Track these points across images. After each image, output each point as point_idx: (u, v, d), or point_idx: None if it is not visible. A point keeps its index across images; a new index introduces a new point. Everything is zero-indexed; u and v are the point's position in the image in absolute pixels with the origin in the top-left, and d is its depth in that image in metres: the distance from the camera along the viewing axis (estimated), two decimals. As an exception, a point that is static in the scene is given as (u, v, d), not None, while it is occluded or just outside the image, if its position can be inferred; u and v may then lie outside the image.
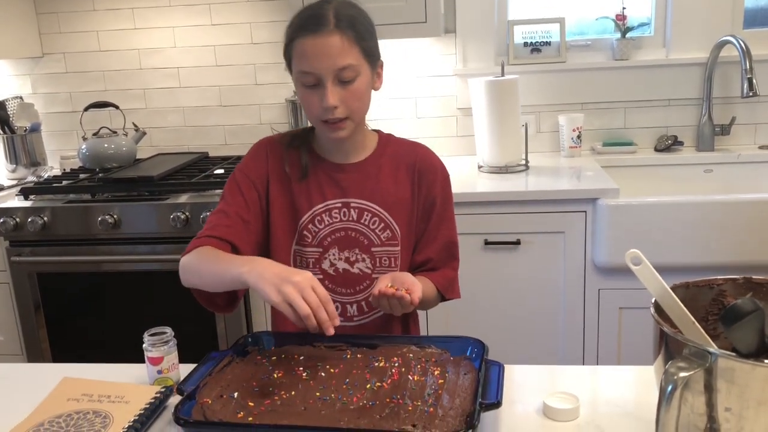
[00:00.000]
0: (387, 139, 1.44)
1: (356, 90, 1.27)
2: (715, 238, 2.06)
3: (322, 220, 1.36)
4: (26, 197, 2.35)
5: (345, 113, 1.27)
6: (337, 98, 1.25)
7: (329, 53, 1.22)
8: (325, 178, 1.38)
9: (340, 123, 1.28)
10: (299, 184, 1.37)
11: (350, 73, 1.25)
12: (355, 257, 1.37)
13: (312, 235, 1.36)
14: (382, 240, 1.37)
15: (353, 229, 1.37)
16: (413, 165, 1.40)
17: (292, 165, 1.38)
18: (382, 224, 1.37)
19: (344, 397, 0.98)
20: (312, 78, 1.25)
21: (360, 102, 1.29)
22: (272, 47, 2.73)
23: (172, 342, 1.15)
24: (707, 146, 2.57)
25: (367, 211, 1.36)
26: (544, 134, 2.70)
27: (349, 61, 1.24)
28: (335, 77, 1.24)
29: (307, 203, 1.37)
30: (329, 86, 1.24)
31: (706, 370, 0.72)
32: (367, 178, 1.38)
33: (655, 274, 0.81)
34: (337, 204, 1.36)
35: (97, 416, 1.03)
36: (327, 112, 1.26)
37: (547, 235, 2.16)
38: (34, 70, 2.87)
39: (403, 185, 1.39)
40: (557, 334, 2.22)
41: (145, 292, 2.29)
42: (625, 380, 1.14)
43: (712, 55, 2.50)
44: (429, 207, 1.40)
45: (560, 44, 2.64)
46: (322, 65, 1.23)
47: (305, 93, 1.28)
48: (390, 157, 1.41)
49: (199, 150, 2.85)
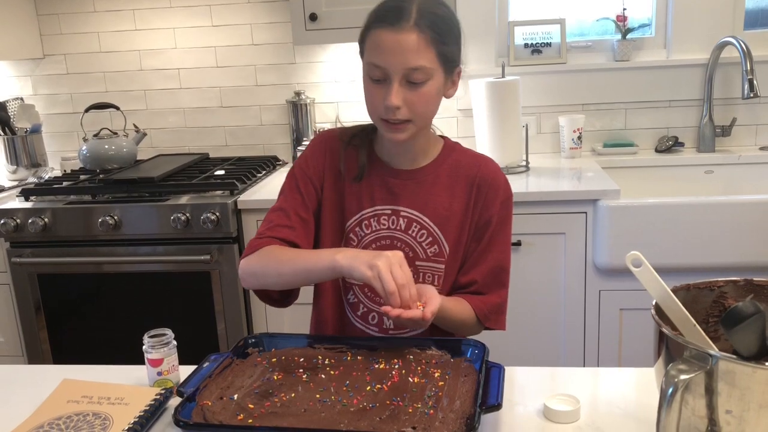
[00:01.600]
0: (452, 147, 1.37)
1: (424, 94, 1.20)
2: (716, 239, 2.05)
3: (369, 225, 1.31)
4: (27, 198, 2.35)
5: (407, 116, 1.21)
6: (401, 99, 1.19)
7: (402, 51, 1.16)
8: (378, 182, 1.32)
9: (400, 125, 1.22)
10: (351, 185, 1.32)
11: (421, 76, 1.18)
12: None
13: (357, 239, 1.32)
14: (428, 255, 1.30)
15: (399, 239, 1.31)
16: (473, 178, 1.32)
17: (349, 164, 1.33)
18: (430, 238, 1.30)
19: (344, 399, 0.97)
20: (380, 72, 1.19)
21: (426, 107, 1.22)
22: (273, 48, 2.73)
23: (172, 344, 1.14)
24: (708, 147, 2.57)
25: (416, 222, 1.30)
26: (544, 135, 2.70)
27: (422, 62, 1.17)
28: (404, 77, 1.18)
29: (357, 206, 1.32)
30: (395, 85, 1.18)
31: (707, 372, 0.72)
32: (421, 187, 1.31)
33: (656, 276, 0.81)
34: (386, 210, 1.31)
35: (97, 418, 1.03)
36: (388, 111, 1.20)
37: (547, 237, 2.16)
38: (34, 71, 2.87)
39: (459, 200, 1.31)
40: (558, 335, 2.22)
41: (146, 294, 2.29)
42: (626, 382, 1.14)
43: (712, 56, 2.50)
44: (483, 226, 1.32)
45: (561, 45, 2.64)
46: (393, 62, 1.17)
47: (371, 86, 1.22)
48: (450, 167, 1.33)
49: (200, 151, 2.85)
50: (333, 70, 2.72)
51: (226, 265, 2.23)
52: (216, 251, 2.21)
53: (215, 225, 2.18)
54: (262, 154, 2.82)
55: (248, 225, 2.24)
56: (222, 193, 2.28)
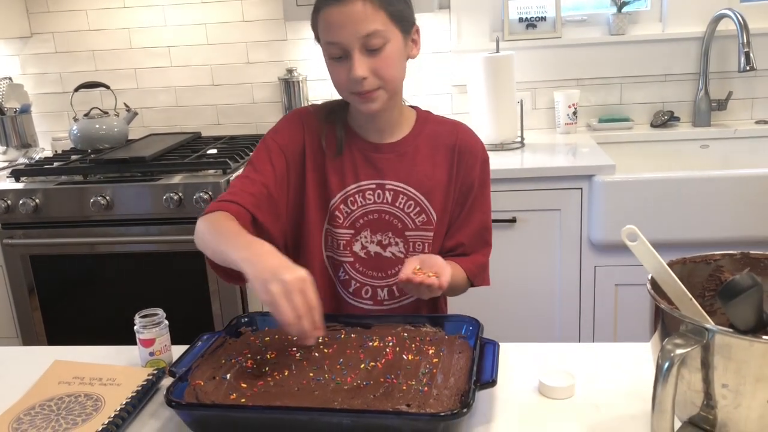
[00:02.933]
0: (425, 117, 1.37)
1: (386, 58, 1.19)
2: (712, 213, 2.05)
3: (354, 201, 1.31)
4: (17, 179, 2.33)
5: (376, 84, 1.20)
6: (366, 68, 1.18)
7: (352, 20, 1.16)
8: (360, 158, 1.32)
9: (370, 93, 1.21)
10: (333, 161, 1.31)
11: (377, 40, 1.18)
12: (388, 241, 1.32)
13: (344, 216, 1.32)
14: (417, 224, 1.32)
15: (387, 212, 1.32)
16: (453, 147, 1.33)
17: (329, 139, 1.32)
18: (417, 208, 1.31)
19: (338, 378, 0.96)
20: (338, 49, 1.19)
21: (391, 70, 1.21)
22: (264, 25, 2.69)
23: (163, 324, 1.13)
24: (704, 122, 2.55)
25: (402, 194, 1.31)
26: (539, 111, 2.68)
27: (375, 26, 1.17)
28: (362, 46, 1.17)
29: (340, 183, 1.31)
30: (356, 56, 1.17)
31: (703, 346, 0.71)
32: (403, 159, 1.32)
33: (652, 251, 0.80)
34: (371, 185, 1.31)
35: (89, 399, 1.02)
36: (356, 84, 1.19)
37: (542, 213, 2.15)
38: (22, 50, 2.83)
39: (441, 168, 1.33)
40: (553, 311, 2.22)
41: (139, 274, 2.28)
42: (621, 357, 1.13)
43: (708, 29, 2.48)
44: (466, 191, 1.34)
45: (555, 19, 2.61)
46: (346, 34, 1.17)
47: (334, 66, 1.22)
48: (428, 137, 1.34)
49: (192, 130, 2.82)
50: (325, 46, 2.68)
51: (220, 245, 2.21)
52: (209, 231, 2.20)
53: (208, 204, 2.15)
54: (254, 133, 2.79)
55: (241, 204, 2.22)
56: (214, 172, 2.26)
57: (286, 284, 0.95)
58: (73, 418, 0.97)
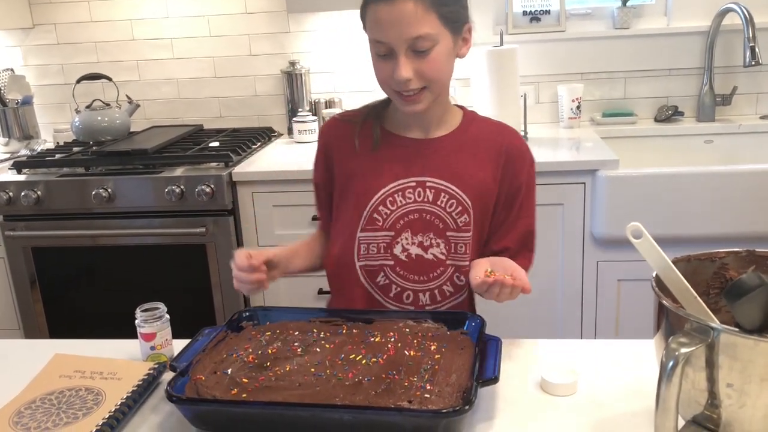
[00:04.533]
0: (472, 117, 1.33)
1: (432, 60, 1.16)
2: (716, 209, 2.04)
3: (394, 201, 1.26)
4: (19, 171, 2.32)
5: (420, 84, 1.18)
6: (411, 70, 1.15)
7: (401, 22, 1.12)
8: (399, 155, 1.27)
9: (415, 95, 1.19)
10: (369, 161, 1.28)
11: (426, 43, 1.14)
12: (430, 242, 1.27)
13: (383, 218, 1.27)
14: (459, 225, 1.26)
15: (428, 211, 1.26)
16: (500, 148, 1.29)
17: (362, 141, 1.29)
18: (459, 207, 1.26)
19: (339, 373, 0.96)
20: (384, 47, 1.16)
21: (437, 73, 1.19)
22: (267, 17, 2.68)
23: (165, 317, 1.13)
24: (708, 117, 2.54)
25: (444, 192, 1.26)
26: (543, 105, 2.66)
27: (425, 30, 1.13)
28: (409, 48, 1.14)
29: (377, 183, 1.27)
30: (401, 58, 1.14)
31: (708, 345, 0.70)
32: (446, 156, 1.27)
33: (657, 248, 0.79)
34: (411, 183, 1.26)
35: (90, 393, 1.01)
36: (399, 85, 1.17)
37: (545, 207, 2.13)
38: (24, 41, 2.82)
39: (485, 168, 1.28)
40: (555, 306, 2.21)
41: (141, 267, 2.28)
42: (625, 354, 1.13)
43: (714, 24, 2.46)
44: (513, 194, 1.30)
45: (560, 13, 2.59)
46: (394, 35, 1.13)
47: (379, 62, 1.19)
48: (473, 135, 1.30)
49: (194, 122, 2.81)
50: (328, 38, 2.67)
51: (222, 238, 2.21)
52: (211, 224, 2.19)
53: (210, 197, 2.16)
54: (256, 126, 2.78)
55: (243, 197, 2.22)
56: (217, 164, 2.26)
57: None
58: (74, 412, 0.97)
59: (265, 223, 2.23)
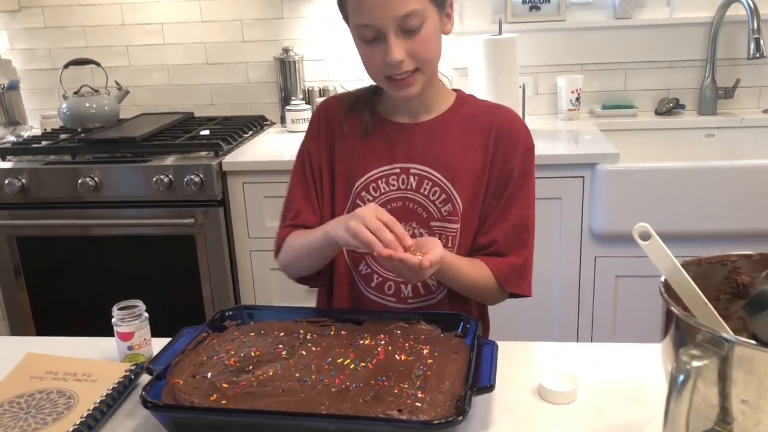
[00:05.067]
0: (465, 99, 1.27)
1: (423, 38, 1.10)
2: (717, 205, 1.99)
3: (377, 188, 1.22)
4: (3, 158, 2.26)
5: (412, 66, 1.11)
6: (403, 51, 1.09)
7: (388, 1, 1.07)
8: (383, 140, 1.22)
9: (408, 78, 1.13)
10: (356, 147, 1.23)
11: (415, 20, 1.09)
12: (412, 231, 1.21)
13: (365, 204, 1.21)
14: (442, 214, 1.20)
15: (411, 199, 1.21)
16: (490, 129, 1.21)
17: (352, 125, 1.25)
18: (443, 195, 1.20)
19: (325, 379, 0.90)
20: (372, 31, 1.10)
21: (429, 51, 1.13)
22: (260, 2, 2.61)
23: (143, 316, 1.07)
24: (709, 110, 2.49)
25: (427, 179, 1.20)
26: (541, 96, 2.61)
27: (412, 6, 1.07)
28: (398, 27, 1.09)
29: (361, 168, 1.22)
30: (392, 39, 1.08)
31: (722, 358, 0.65)
32: (430, 140, 1.21)
33: (666, 251, 0.74)
34: (395, 170, 1.21)
35: (61, 396, 0.96)
36: (392, 68, 1.11)
37: (543, 202, 2.05)
38: (10, 24, 2.74)
39: (473, 152, 1.20)
40: (551, 301, 2.16)
41: (129, 257, 2.22)
42: (625, 358, 1.08)
43: (717, 15, 2.40)
44: (504, 181, 1.21)
45: (560, 2, 2.53)
46: (381, 15, 1.07)
47: (366, 49, 1.13)
48: (462, 117, 1.23)
49: (185, 110, 2.74)
50: (322, 25, 2.61)
51: (211, 229, 2.15)
52: (200, 214, 2.14)
53: (199, 187, 2.10)
54: (249, 114, 2.72)
55: (234, 187, 2.16)
56: (207, 154, 2.20)
57: (360, 215, 1.05)
58: (43, 417, 0.91)
59: (256, 214, 2.17)
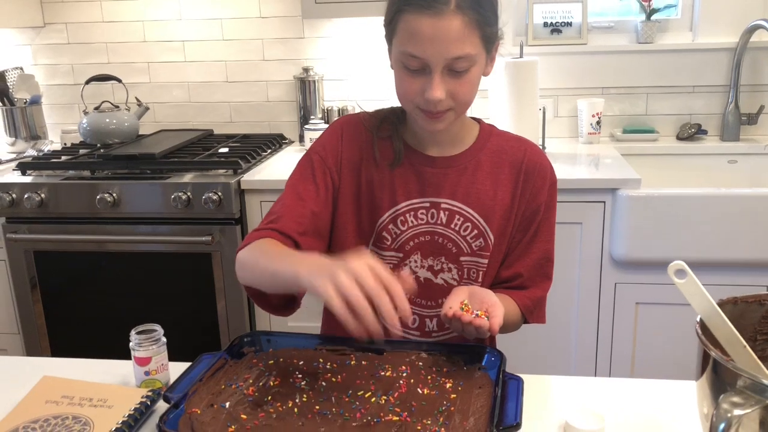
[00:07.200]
0: (489, 130, 1.24)
1: (467, 81, 1.08)
2: (740, 232, 1.95)
3: (405, 221, 1.19)
4: (24, 172, 2.27)
5: (450, 105, 1.09)
6: (444, 90, 1.06)
7: (444, 40, 1.02)
8: (413, 173, 1.19)
9: (440, 114, 1.10)
10: (382, 176, 1.19)
11: (465, 64, 1.05)
12: (440, 266, 1.20)
13: (392, 238, 1.19)
14: (473, 249, 1.19)
15: (441, 234, 1.19)
16: (519, 164, 1.20)
17: (382, 151, 1.20)
18: (475, 231, 1.19)
19: (346, 412, 0.88)
20: (417, 62, 1.06)
21: (470, 94, 1.11)
22: (281, 21, 2.62)
23: (161, 341, 1.05)
24: (732, 136, 2.46)
25: (459, 215, 1.18)
26: (562, 119, 2.59)
27: (467, 50, 1.04)
28: (446, 67, 1.05)
29: (389, 200, 1.19)
30: (437, 77, 1.05)
31: (766, 407, 0.62)
32: (462, 175, 1.19)
33: (702, 290, 0.72)
34: (424, 204, 1.18)
35: (77, 422, 0.94)
36: (429, 105, 1.08)
37: (563, 226, 2.04)
38: (35, 40, 2.77)
39: (504, 188, 1.19)
40: (571, 327, 2.13)
41: (144, 274, 2.21)
42: (653, 395, 1.05)
43: (741, 40, 2.38)
44: (530, 216, 1.21)
45: (582, 25, 2.52)
46: (433, 52, 1.03)
47: (405, 76, 1.09)
48: (492, 151, 1.21)
49: (204, 127, 2.75)
50: (342, 45, 2.61)
51: (228, 247, 2.14)
52: (218, 232, 2.13)
53: (217, 205, 2.09)
54: (267, 132, 2.72)
55: (251, 206, 2.15)
56: (225, 171, 2.19)
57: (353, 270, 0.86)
58: (59, 443, 0.90)
59: (273, 233, 2.16)
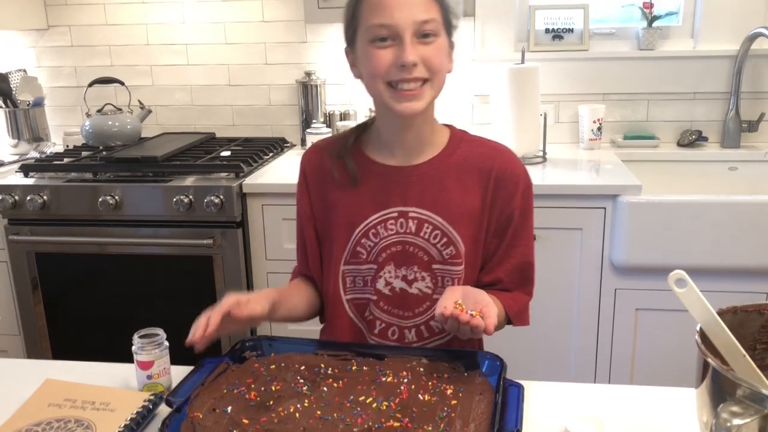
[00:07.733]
0: (460, 136, 1.24)
1: (438, 48, 1.11)
2: (740, 239, 1.96)
3: (377, 233, 1.19)
4: (26, 174, 2.27)
5: (425, 74, 1.10)
6: (417, 55, 1.08)
7: (410, 2, 1.08)
8: (381, 184, 1.20)
9: (416, 90, 1.10)
10: (350, 193, 1.21)
11: (433, 26, 1.09)
12: (414, 275, 1.20)
13: (366, 251, 1.20)
14: (444, 257, 1.19)
15: (411, 243, 1.19)
16: (489, 171, 1.20)
17: (341, 173, 1.22)
18: (444, 239, 1.19)
19: (348, 418, 0.89)
20: (386, 30, 1.08)
21: (441, 62, 1.12)
22: (284, 26, 2.63)
23: (164, 345, 1.06)
24: (733, 143, 2.47)
25: (427, 223, 1.18)
26: (563, 125, 2.60)
27: (432, 14, 1.09)
28: (415, 32, 1.08)
29: (359, 215, 1.20)
30: (407, 41, 1.08)
31: (765, 417, 0.63)
32: (429, 183, 1.19)
33: (702, 299, 0.72)
34: (393, 214, 1.19)
35: (79, 425, 0.95)
36: (403, 71, 1.08)
37: (563, 232, 2.06)
38: (38, 42, 2.78)
39: (473, 194, 1.19)
40: (570, 333, 2.14)
41: (146, 276, 2.22)
42: (653, 402, 1.05)
43: (742, 48, 2.39)
44: (505, 221, 1.21)
45: (583, 31, 2.53)
46: (402, 16, 1.07)
47: (374, 50, 1.10)
48: (461, 158, 1.21)
49: (206, 130, 2.76)
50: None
51: (230, 250, 2.15)
52: (219, 236, 2.13)
53: (219, 209, 2.10)
54: (270, 136, 2.73)
55: (253, 209, 2.16)
56: (227, 175, 2.20)
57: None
58: (61, 446, 0.91)
59: (274, 236, 2.17)
